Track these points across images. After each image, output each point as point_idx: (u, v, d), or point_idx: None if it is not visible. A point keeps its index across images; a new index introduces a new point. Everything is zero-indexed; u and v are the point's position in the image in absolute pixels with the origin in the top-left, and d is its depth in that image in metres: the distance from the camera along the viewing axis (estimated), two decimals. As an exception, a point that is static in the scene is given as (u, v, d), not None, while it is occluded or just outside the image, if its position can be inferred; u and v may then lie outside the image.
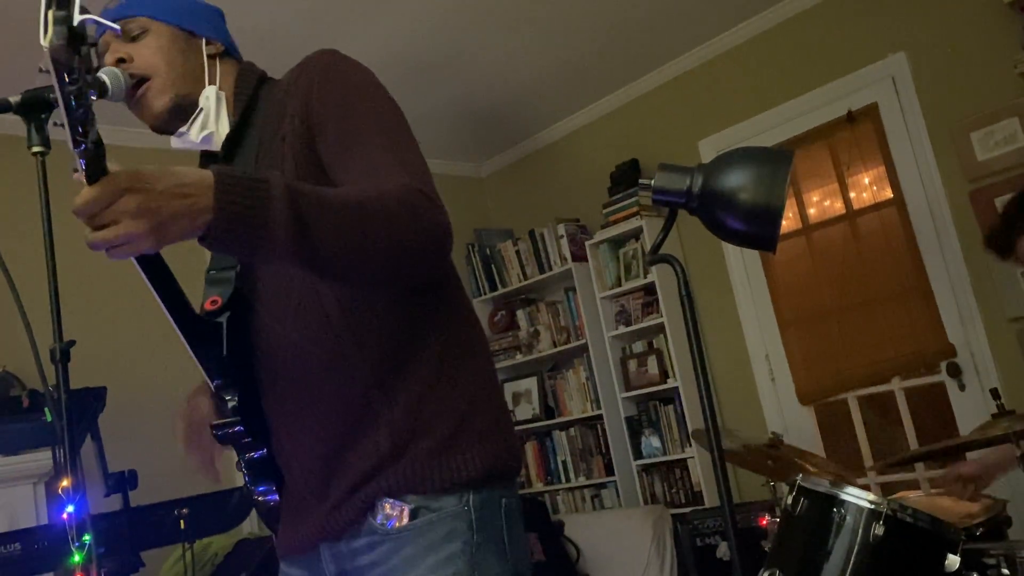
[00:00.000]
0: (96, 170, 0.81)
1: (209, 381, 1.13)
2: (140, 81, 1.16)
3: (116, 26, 0.86)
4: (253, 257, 0.96)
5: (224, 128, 1.20)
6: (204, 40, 1.21)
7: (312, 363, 1.10)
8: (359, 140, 1.07)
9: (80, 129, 0.77)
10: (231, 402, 1.11)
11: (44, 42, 0.71)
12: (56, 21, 0.70)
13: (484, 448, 1.08)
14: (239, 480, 3.70)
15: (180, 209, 0.84)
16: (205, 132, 1.19)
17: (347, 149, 1.07)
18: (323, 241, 0.91)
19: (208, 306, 1.10)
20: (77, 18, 0.70)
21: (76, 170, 0.80)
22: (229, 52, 1.25)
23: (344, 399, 1.09)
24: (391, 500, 1.04)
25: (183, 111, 1.19)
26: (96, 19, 0.84)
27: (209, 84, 1.19)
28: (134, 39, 1.16)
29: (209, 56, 1.21)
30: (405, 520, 1.04)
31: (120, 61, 1.15)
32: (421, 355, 1.09)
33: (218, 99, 1.20)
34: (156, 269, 0.98)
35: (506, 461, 1.10)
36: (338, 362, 1.09)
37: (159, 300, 0.99)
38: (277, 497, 1.17)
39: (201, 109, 1.19)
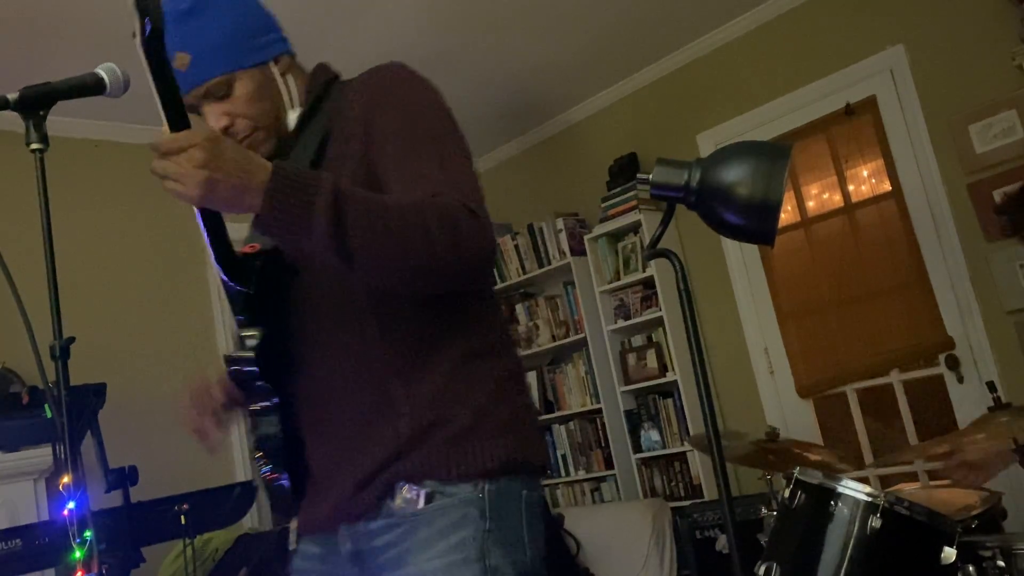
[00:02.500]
0: (179, 118, 0.93)
1: (234, 315, 1.17)
2: (249, 133, 1.21)
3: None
4: (296, 244, 1.01)
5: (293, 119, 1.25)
6: (273, 62, 1.24)
7: (335, 344, 1.13)
8: (413, 158, 1.10)
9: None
10: (251, 340, 1.14)
11: None
12: None
13: (502, 440, 1.10)
14: (239, 475, 3.71)
15: (234, 181, 0.93)
16: None
17: (402, 168, 1.10)
18: (359, 242, 0.97)
19: (247, 249, 1.14)
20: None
21: (134, 34, 0.87)
22: (289, 52, 1.28)
23: (365, 383, 1.11)
24: (409, 484, 1.07)
25: (283, 145, 1.25)
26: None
27: (290, 107, 1.25)
28: (222, 98, 1.19)
29: (282, 74, 1.25)
30: (421, 504, 1.06)
31: (226, 129, 1.20)
32: (444, 351, 1.12)
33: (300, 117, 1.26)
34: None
35: (525, 455, 1.12)
36: (361, 346, 1.12)
37: (203, 230, 1.03)
38: (286, 483, 1.18)
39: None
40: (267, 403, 1.16)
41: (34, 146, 1.07)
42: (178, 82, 0.93)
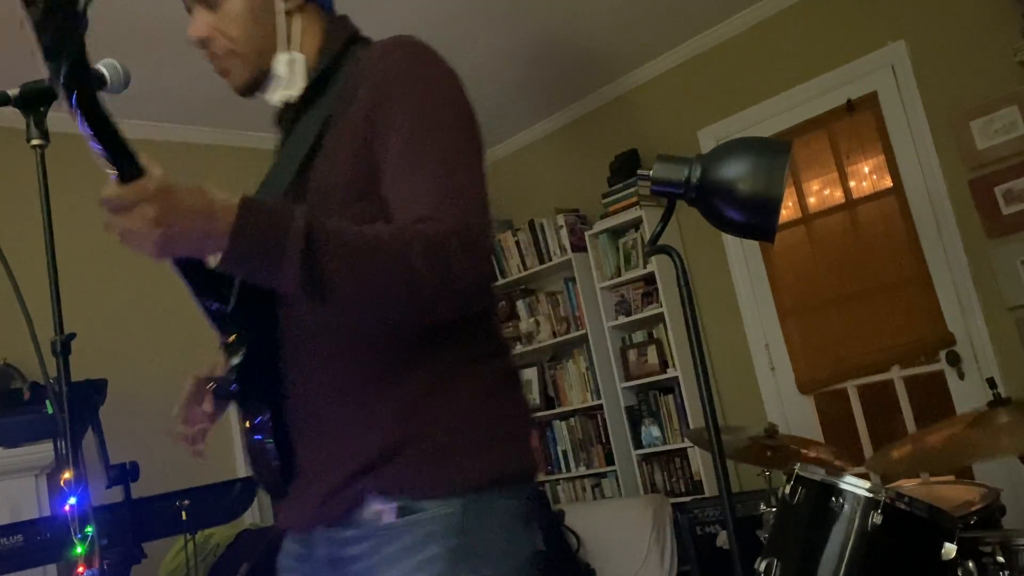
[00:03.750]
0: (128, 167, 0.83)
1: (220, 336, 1.12)
2: (222, 58, 1.15)
3: None
4: (264, 285, 0.96)
5: (299, 88, 1.17)
6: None
7: (319, 354, 1.09)
8: (417, 162, 1.02)
9: (51, 53, 0.75)
10: (235, 359, 1.09)
11: None
12: None
13: (479, 458, 1.05)
14: (240, 471, 3.71)
15: (194, 231, 0.86)
16: (284, 95, 1.18)
17: (401, 168, 1.03)
18: (335, 285, 0.91)
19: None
20: None
21: (69, 107, 0.78)
22: (312, 1, 1.20)
23: (344, 397, 1.08)
24: (380, 497, 1.04)
25: (260, 81, 1.17)
26: None
27: (282, 49, 1.16)
28: (211, 6, 1.13)
29: (288, 12, 1.16)
30: (391, 518, 1.03)
31: (202, 41, 1.14)
32: (430, 362, 1.07)
33: (291, 64, 1.16)
34: None
35: (504, 470, 1.07)
36: (344, 357, 1.08)
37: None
38: (278, 463, 1.14)
39: (277, 77, 1.17)
40: (260, 418, 1.13)
41: (35, 142, 1.07)
42: None
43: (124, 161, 0.82)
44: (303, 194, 1.09)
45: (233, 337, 1.09)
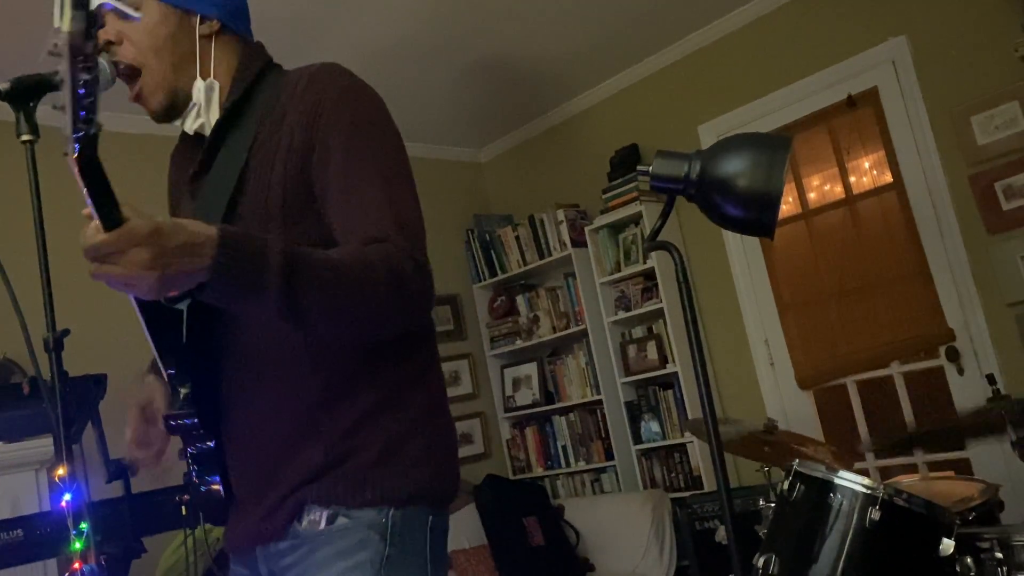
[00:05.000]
0: (110, 213, 0.82)
1: (163, 368, 1.13)
2: (129, 70, 1.14)
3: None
4: (242, 310, 0.99)
5: (214, 115, 1.17)
6: (199, 18, 1.16)
7: (267, 376, 1.11)
8: (360, 185, 1.07)
9: (84, 114, 0.76)
10: (184, 391, 1.11)
11: (62, 26, 0.70)
12: (74, 5, 0.70)
13: (414, 471, 1.09)
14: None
15: (186, 267, 0.87)
16: (198, 122, 1.18)
17: (346, 191, 1.07)
18: (311, 310, 0.95)
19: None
20: (95, 1, 0.69)
21: (67, 153, 0.79)
22: (229, 29, 1.19)
23: (291, 414, 1.10)
24: (315, 507, 1.07)
25: (178, 107, 1.18)
26: (116, 4, 0.82)
27: (201, 74, 1.16)
28: (126, 16, 1.13)
29: (203, 36, 1.16)
30: (323, 524, 1.06)
31: (109, 44, 1.13)
32: (372, 383, 1.10)
33: (209, 90, 1.17)
34: None
35: (434, 487, 1.12)
36: (292, 380, 1.10)
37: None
38: (220, 489, 1.18)
39: (195, 104, 1.17)
40: (204, 445, 1.15)
41: (25, 137, 1.06)
42: None
43: (113, 211, 0.82)
44: (236, 220, 1.10)
45: (178, 370, 1.10)
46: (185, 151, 1.26)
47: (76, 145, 0.78)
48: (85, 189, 0.80)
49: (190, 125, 1.19)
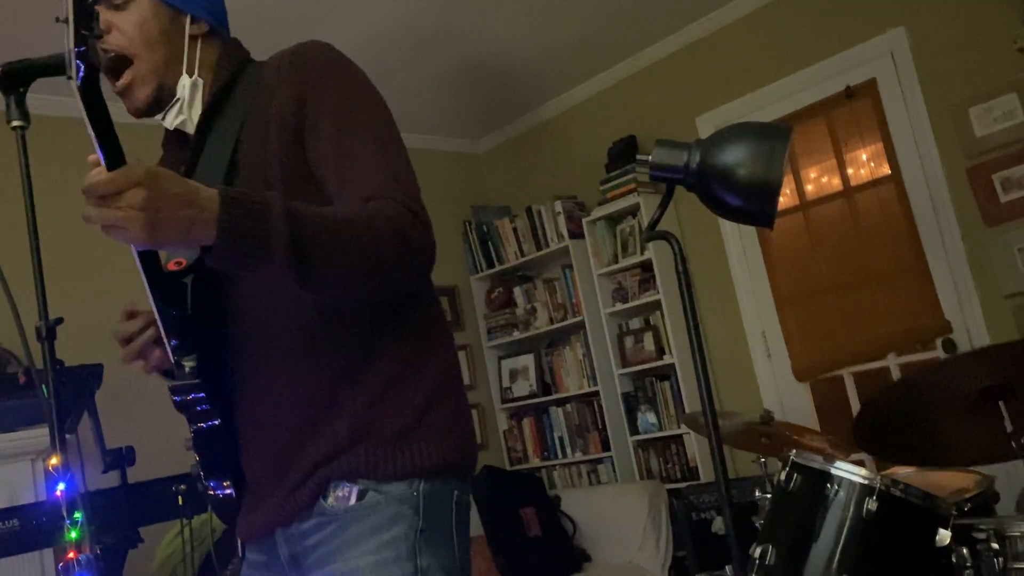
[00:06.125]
0: (115, 156, 0.85)
1: (167, 342, 1.11)
2: (117, 59, 1.14)
3: None
4: (250, 273, 0.97)
5: (197, 112, 1.19)
6: (189, 18, 1.18)
7: (280, 351, 1.10)
8: (354, 148, 1.08)
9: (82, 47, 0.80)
10: (188, 364, 1.09)
11: None
12: None
13: (441, 442, 1.09)
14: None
15: (181, 217, 0.87)
16: (180, 119, 1.20)
17: (341, 156, 1.08)
18: (318, 264, 0.95)
19: (171, 266, 1.07)
20: None
21: (70, 77, 0.82)
22: (215, 31, 1.22)
23: (311, 390, 1.09)
24: (343, 482, 1.06)
25: (161, 101, 1.19)
26: None
27: (187, 71, 1.18)
28: (117, 7, 1.14)
29: (191, 36, 1.18)
30: (353, 501, 1.05)
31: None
32: (388, 352, 1.10)
33: (193, 87, 1.19)
34: None
35: (461, 457, 1.12)
36: (307, 354, 1.09)
37: (134, 252, 0.97)
38: (232, 492, 1.16)
39: (178, 99, 1.18)
40: (210, 424, 1.12)
41: (15, 123, 1.06)
42: None
43: (114, 153, 0.84)
44: None
45: (186, 348, 1.09)
46: (173, 147, 1.27)
47: (79, 63, 0.80)
48: (88, 122, 0.83)
49: (171, 121, 1.20)
